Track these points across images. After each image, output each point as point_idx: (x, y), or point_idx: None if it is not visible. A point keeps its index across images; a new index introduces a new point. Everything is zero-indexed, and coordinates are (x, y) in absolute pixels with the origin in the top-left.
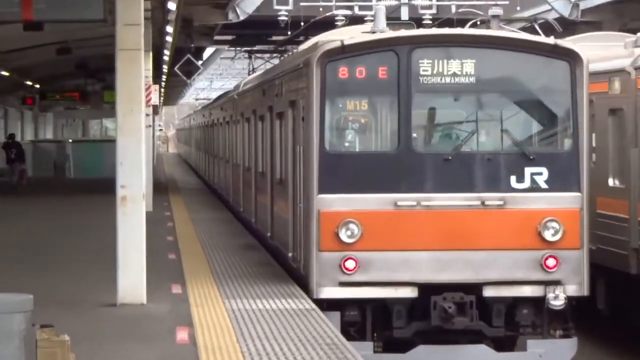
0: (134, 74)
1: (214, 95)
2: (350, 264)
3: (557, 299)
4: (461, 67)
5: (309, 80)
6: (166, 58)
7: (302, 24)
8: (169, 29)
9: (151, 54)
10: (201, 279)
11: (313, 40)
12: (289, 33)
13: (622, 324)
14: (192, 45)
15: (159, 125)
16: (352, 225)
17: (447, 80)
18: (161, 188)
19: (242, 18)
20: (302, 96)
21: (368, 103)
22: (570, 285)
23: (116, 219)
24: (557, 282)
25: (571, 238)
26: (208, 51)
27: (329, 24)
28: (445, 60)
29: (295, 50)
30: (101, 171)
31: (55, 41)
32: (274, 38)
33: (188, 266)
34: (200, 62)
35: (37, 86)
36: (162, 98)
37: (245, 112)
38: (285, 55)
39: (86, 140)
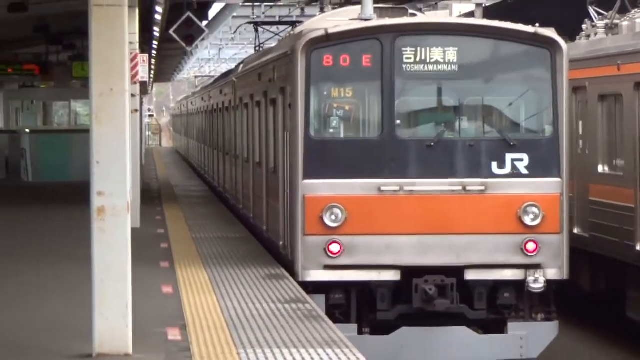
0: (115, 38)
1: (223, 68)
2: (334, 248)
3: (536, 282)
4: (444, 55)
5: (294, 68)
6: (158, 17)
7: None
8: None
9: (137, 11)
10: (207, 320)
11: (300, 28)
12: None
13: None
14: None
15: (149, 109)
16: (336, 210)
17: (430, 67)
18: (152, 196)
19: None
20: (289, 83)
21: (352, 90)
22: (550, 269)
23: (91, 238)
24: (537, 266)
25: (551, 223)
26: (215, 8)
27: None
28: (427, 48)
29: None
30: (70, 173)
31: None
32: None
33: (190, 302)
34: (204, 23)
35: None
36: (152, 73)
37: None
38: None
39: (49, 130)
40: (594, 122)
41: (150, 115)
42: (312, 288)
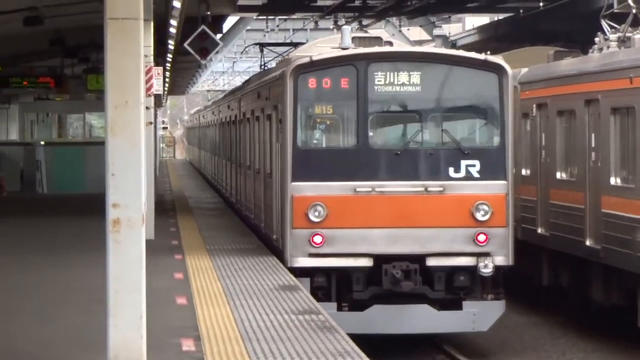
0: (130, 51)
1: (236, 81)
2: (317, 239)
3: (486, 268)
4: (409, 78)
5: (284, 89)
6: (173, 30)
7: None
8: None
9: (152, 24)
10: (222, 332)
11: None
12: None
13: None
14: (208, 13)
15: (163, 122)
16: (319, 207)
17: (397, 89)
18: (166, 207)
19: None
20: (280, 101)
21: (332, 108)
22: (498, 257)
23: (106, 249)
24: (486, 254)
25: (498, 218)
26: (230, 21)
27: None
28: (395, 73)
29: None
30: (84, 185)
31: (21, 7)
32: (320, 3)
33: (204, 314)
34: (219, 36)
35: None
36: (167, 85)
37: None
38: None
39: (64, 142)
40: (606, 135)
41: (164, 128)
42: (299, 272)
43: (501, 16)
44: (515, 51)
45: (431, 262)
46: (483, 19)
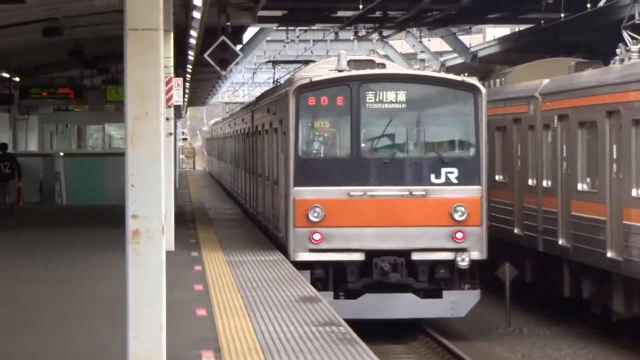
0: (150, 62)
1: (257, 92)
2: (316, 236)
3: (463, 261)
4: (395, 97)
5: (288, 106)
6: (193, 41)
7: None
8: (197, 0)
9: (172, 35)
10: (242, 343)
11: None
12: (361, 7)
13: None
14: (228, 23)
15: (183, 133)
16: (318, 209)
17: (386, 106)
18: (186, 219)
19: None
20: (284, 117)
21: (329, 122)
22: (473, 252)
23: (125, 261)
24: (463, 250)
25: (474, 218)
26: (250, 32)
27: None
28: (384, 92)
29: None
30: (103, 196)
31: (40, 18)
32: (340, 14)
33: (224, 325)
34: (239, 47)
35: (16, 79)
36: (186, 96)
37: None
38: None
39: (83, 153)
40: (627, 146)
41: (184, 139)
42: (300, 265)
43: (522, 27)
44: (536, 62)
45: (415, 256)
46: (504, 30)
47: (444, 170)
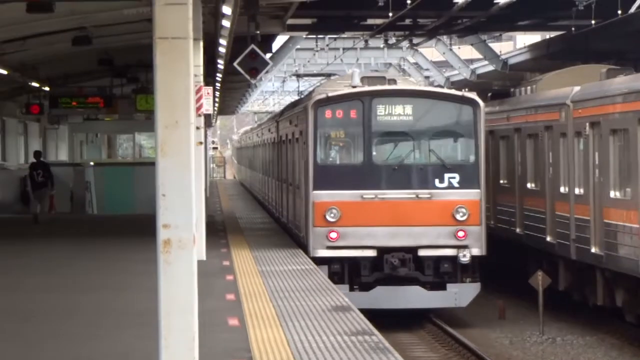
0: (179, 71)
1: (287, 101)
2: (333, 235)
3: (464, 257)
4: (403, 110)
5: (307, 118)
6: (222, 50)
7: (408, 2)
8: (227, 9)
9: (202, 44)
10: (274, 353)
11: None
12: (391, 15)
13: None
14: (258, 32)
15: (213, 142)
16: (334, 210)
17: (395, 118)
18: (217, 228)
19: None
20: (304, 128)
21: (344, 133)
22: (473, 248)
23: (157, 270)
24: (465, 246)
25: (474, 218)
26: (279, 40)
27: (443, 2)
28: (393, 105)
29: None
30: (134, 206)
31: (70, 27)
32: (370, 22)
33: (256, 335)
34: (268, 56)
35: (46, 89)
36: (216, 105)
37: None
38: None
39: (113, 162)
40: None
41: (215, 148)
42: (319, 261)
43: (553, 34)
44: (567, 69)
45: (422, 252)
46: (534, 37)
47: (446, 176)
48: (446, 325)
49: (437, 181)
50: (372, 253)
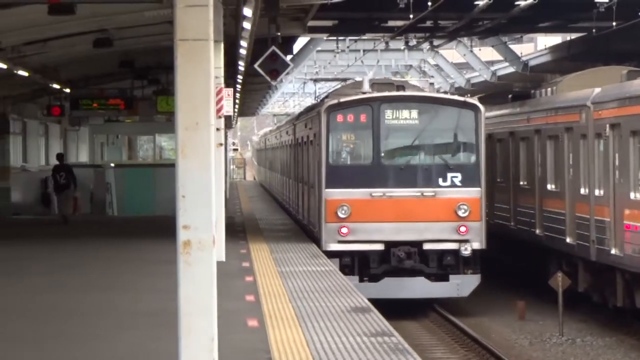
0: (200, 73)
1: (307, 102)
2: (344, 230)
3: (466, 250)
4: (409, 114)
5: (320, 122)
6: (243, 52)
7: (429, 4)
8: (247, 11)
9: (222, 46)
10: (294, 354)
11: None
12: (411, 17)
13: None
14: (279, 34)
15: (233, 143)
16: (345, 207)
17: (401, 122)
18: (237, 229)
19: None
20: (317, 131)
21: (354, 135)
22: (474, 242)
23: (176, 271)
24: (466, 241)
25: (474, 215)
26: (300, 42)
27: (464, 3)
28: (399, 110)
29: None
30: (154, 207)
31: (91, 29)
32: (391, 24)
33: (275, 336)
34: (289, 57)
35: (67, 90)
36: (237, 107)
37: None
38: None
39: (134, 164)
40: None
41: (235, 149)
42: (331, 255)
43: (573, 36)
44: (587, 71)
45: (426, 246)
46: (555, 39)
47: (449, 175)
48: (466, 326)
49: (440, 180)
50: (380, 247)
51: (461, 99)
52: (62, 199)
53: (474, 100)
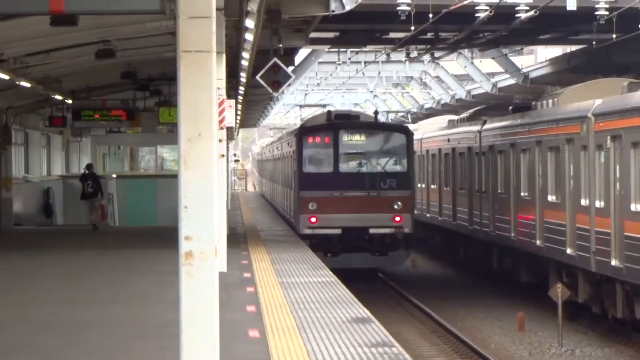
0: (202, 84)
1: (308, 113)
2: (313, 220)
3: (399, 234)
4: (360, 137)
5: (296, 142)
6: (245, 63)
7: (430, 16)
8: (250, 23)
9: (224, 57)
10: None
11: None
12: (412, 29)
13: None
14: (280, 45)
15: (235, 154)
16: (314, 203)
17: (354, 142)
18: (238, 240)
19: (348, 8)
20: (295, 148)
21: (321, 152)
22: (405, 228)
23: (178, 282)
24: (400, 227)
25: (406, 209)
26: (302, 53)
27: (465, 16)
28: (353, 134)
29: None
30: (155, 218)
31: (93, 40)
32: (392, 35)
33: (276, 347)
34: (291, 69)
35: (69, 101)
36: (238, 118)
37: None
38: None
39: (136, 175)
40: None
41: (236, 160)
42: (304, 237)
43: (574, 48)
44: (588, 83)
45: (372, 231)
46: (556, 51)
47: (388, 180)
48: (465, 336)
49: (381, 184)
50: (338, 231)
51: (397, 125)
52: (89, 207)
53: (405, 125)
